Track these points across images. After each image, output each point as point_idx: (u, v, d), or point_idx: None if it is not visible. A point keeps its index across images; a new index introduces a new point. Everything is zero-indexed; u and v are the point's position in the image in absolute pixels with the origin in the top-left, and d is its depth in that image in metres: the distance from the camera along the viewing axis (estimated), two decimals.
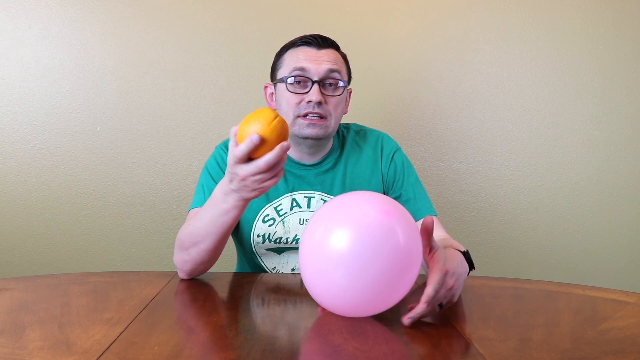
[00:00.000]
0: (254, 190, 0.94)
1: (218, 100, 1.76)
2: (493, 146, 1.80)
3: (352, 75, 1.33)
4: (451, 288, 0.89)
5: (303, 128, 1.21)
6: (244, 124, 0.90)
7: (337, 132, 1.35)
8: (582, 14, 1.76)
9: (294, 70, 1.20)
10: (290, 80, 1.20)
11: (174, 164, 1.77)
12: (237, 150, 0.89)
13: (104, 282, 1.14)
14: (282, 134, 0.90)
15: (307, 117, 1.20)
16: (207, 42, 1.75)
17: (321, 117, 1.20)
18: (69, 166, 1.76)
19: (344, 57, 1.27)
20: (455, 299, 0.92)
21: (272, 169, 0.91)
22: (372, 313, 0.88)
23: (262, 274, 1.24)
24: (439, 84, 1.78)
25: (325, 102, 1.19)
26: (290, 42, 1.25)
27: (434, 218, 1.23)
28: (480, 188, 1.81)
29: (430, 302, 0.85)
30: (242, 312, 0.94)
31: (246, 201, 0.98)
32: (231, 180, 0.94)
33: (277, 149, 0.88)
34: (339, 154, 1.31)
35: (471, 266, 1.02)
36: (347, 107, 1.30)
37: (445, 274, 0.88)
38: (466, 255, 1.02)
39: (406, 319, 0.85)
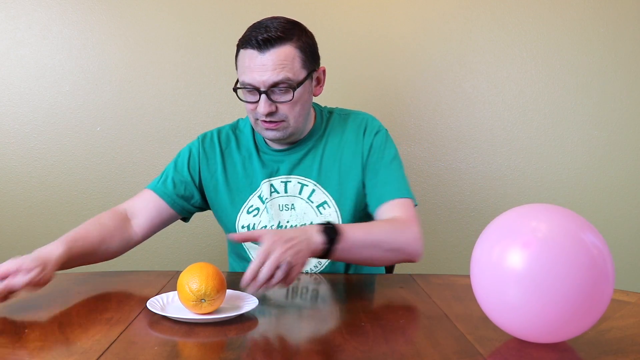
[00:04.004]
0: None
1: (218, 101, 1.76)
2: (493, 146, 1.80)
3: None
4: (286, 250, 0.94)
5: (263, 131, 1.22)
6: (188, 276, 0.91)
7: (322, 113, 1.32)
8: (582, 14, 1.76)
9: (242, 84, 1.18)
10: (240, 90, 1.19)
11: None
12: None
13: (104, 282, 1.14)
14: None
15: (264, 122, 1.19)
16: (207, 42, 1.75)
17: (276, 121, 1.18)
18: (69, 166, 1.76)
19: (300, 45, 1.18)
20: (299, 259, 0.96)
21: None
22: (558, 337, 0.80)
23: None
24: (439, 84, 1.78)
25: (277, 109, 1.17)
26: (242, 37, 1.19)
27: (397, 201, 1.19)
28: (480, 188, 1.81)
29: (255, 270, 0.92)
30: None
31: None
32: None
33: None
34: (320, 135, 1.29)
35: (332, 235, 1.03)
36: (320, 89, 1.25)
37: (271, 242, 0.94)
38: (329, 228, 1.04)
39: (244, 284, 0.92)
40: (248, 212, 1.27)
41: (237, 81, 1.21)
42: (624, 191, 1.81)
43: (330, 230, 1.04)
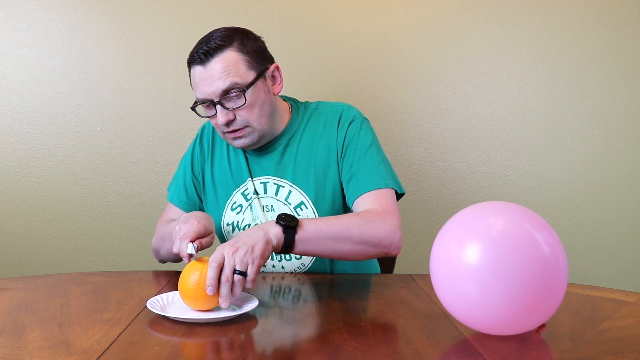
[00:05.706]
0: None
1: None
2: (493, 146, 1.80)
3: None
4: (233, 253, 0.92)
5: (232, 142, 1.21)
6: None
7: (298, 109, 1.29)
8: (582, 14, 1.76)
9: (197, 100, 1.18)
10: (197, 108, 1.19)
11: (174, 164, 1.76)
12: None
13: (104, 282, 1.14)
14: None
15: (229, 132, 1.18)
16: None
17: (239, 129, 1.17)
18: (69, 166, 1.76)
19: (241, 48, 1.16)
20: (255, 262, 0.93)
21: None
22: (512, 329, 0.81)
23: (262, 274, 1.24)
24: (439, 84, 1.78)
25: (235, 116, 1.16)
26: (189, 55, 1.18)
27: (373, 192, 1.16)
28: (480, 188, 1.81)
29: (213, 281, 0.89)
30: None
31: None
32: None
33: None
34: (295, 131, 1.26)
35: (289, 224, 1.01)
36: (279, 86, 1.22)
37: (224, 249, 0.93)
38: (286, 219, 1.01)
39: (209, 289, 0.89)
40: (232, 209, 1.27)
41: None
42: (624, 191, 1.81)
43: (287, 220, 1.01)
